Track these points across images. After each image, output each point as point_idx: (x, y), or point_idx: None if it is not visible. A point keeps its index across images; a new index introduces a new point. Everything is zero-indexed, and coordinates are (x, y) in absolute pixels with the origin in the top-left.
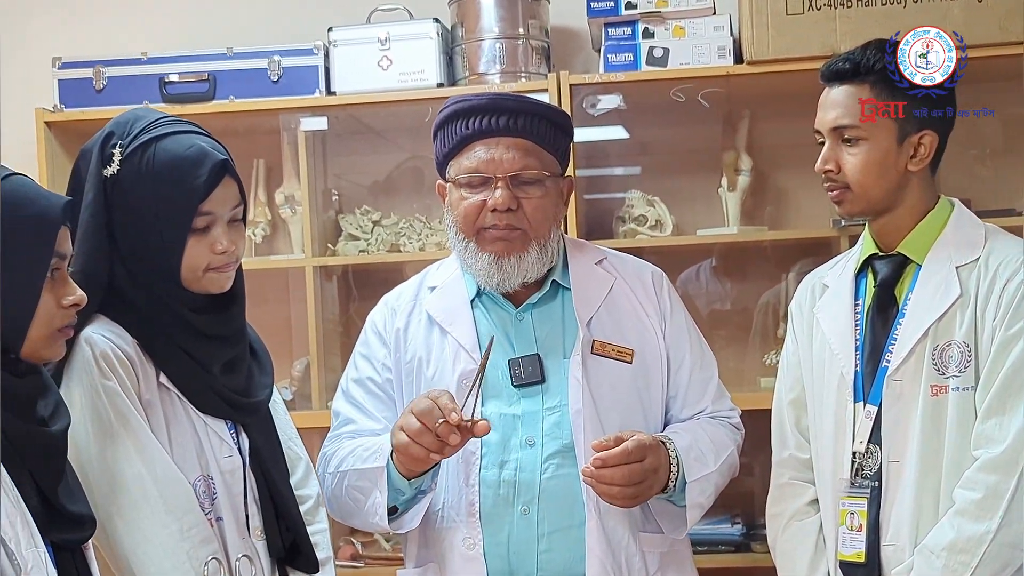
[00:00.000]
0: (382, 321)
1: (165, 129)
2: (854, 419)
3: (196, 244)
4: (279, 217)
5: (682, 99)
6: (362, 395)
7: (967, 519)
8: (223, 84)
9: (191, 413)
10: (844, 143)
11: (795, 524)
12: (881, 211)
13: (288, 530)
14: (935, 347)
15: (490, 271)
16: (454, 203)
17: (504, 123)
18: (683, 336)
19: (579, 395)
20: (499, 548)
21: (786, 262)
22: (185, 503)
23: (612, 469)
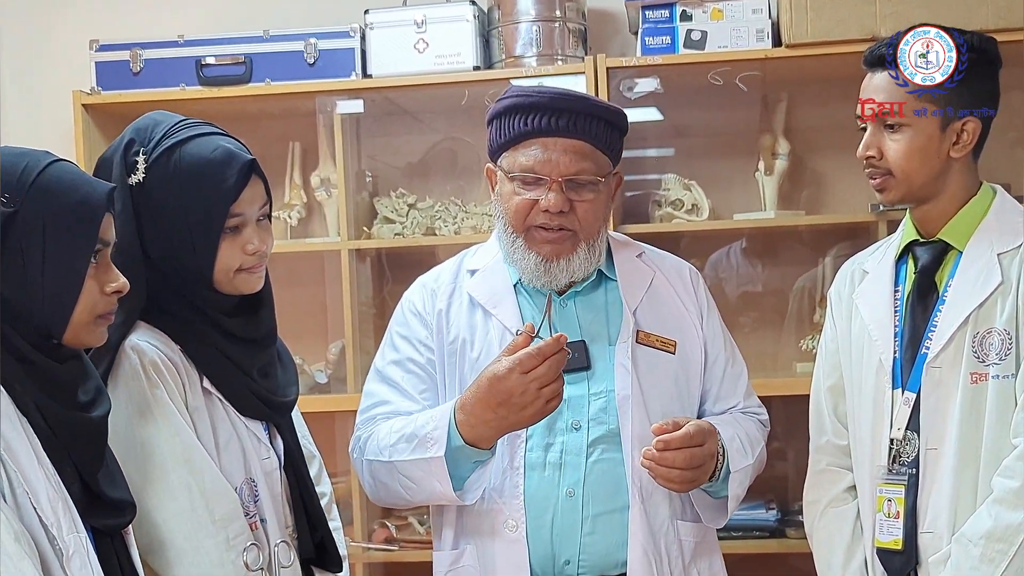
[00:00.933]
0: (421, 302)
1: (187, 132)
2: (892, 406)
3: (228, 246)
4: (314, 200)
5: (720, 82)
6: (401, 375)
7: (1005, 508)
8: (259, 67)
9: (232, 416)
10: (887, 129)
11: (832, 511)
12: (923, 198)
13: (316, 530)
14: (975, 334)
15: (537, 271)
16: (505, 195)
17: (564, 124)
18: (718, 333)
19: (627, 381)
20: (542, 531)
21: (822, 247)
22: (232, 512)
23: (674, 452)
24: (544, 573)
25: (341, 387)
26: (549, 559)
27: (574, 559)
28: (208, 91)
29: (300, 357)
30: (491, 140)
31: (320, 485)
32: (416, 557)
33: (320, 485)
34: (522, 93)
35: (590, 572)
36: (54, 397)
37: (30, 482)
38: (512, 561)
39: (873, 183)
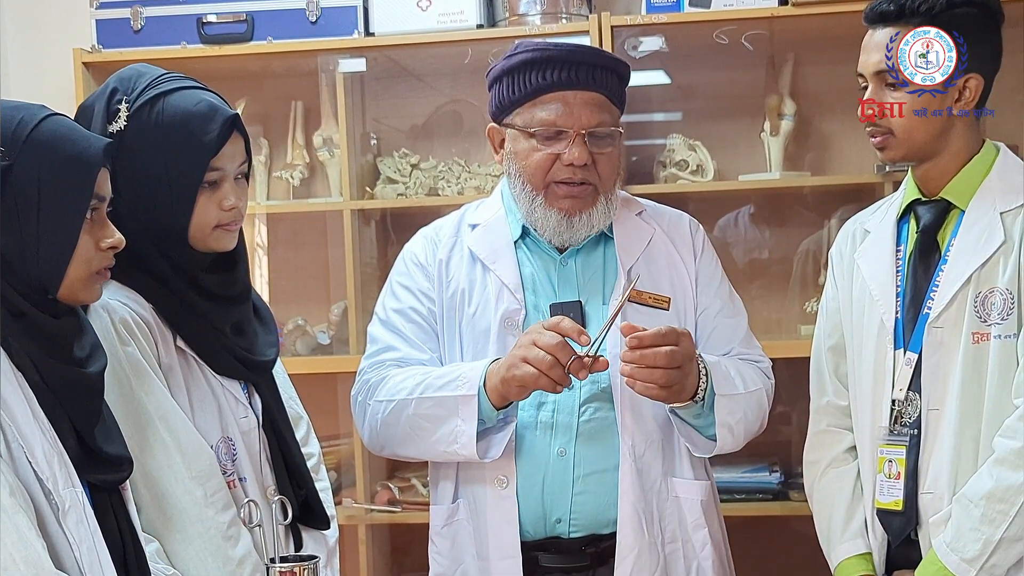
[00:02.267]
0: (423, 253)
1: (171, 84)
2: (894, 366)
3: (206, 201)
4: (317, 160)
5: (725, 42)
6: (404, 324)
7: (1007, 468)
8: (261, 25)
9: (208, 375)
10: (888, 87)
11: (832, 471)
12: (925, 156)
13: (300, 488)
14: (978, 294)
15: (559, 228)
16: (521, 153)
17: (583, 76)
18: (713, 281)
19: (619, 341)
20: (534, 489)
21: (828, 208)
22: (208, 468)
23: (653, 350)
24: (535, 531)
25: (343, 348)
26: (540, 517)
27: (565, 518)
28: (209, 49)
29: (302, 318)
30: (499, 98)
31: (307, 446)
32: (419, 519)
33: (307, 446)
34: (537, 47)
35: (581, 530)
36: (50, 352)
37: (25, 437)
38: (503, 517)
39: (874, 142)
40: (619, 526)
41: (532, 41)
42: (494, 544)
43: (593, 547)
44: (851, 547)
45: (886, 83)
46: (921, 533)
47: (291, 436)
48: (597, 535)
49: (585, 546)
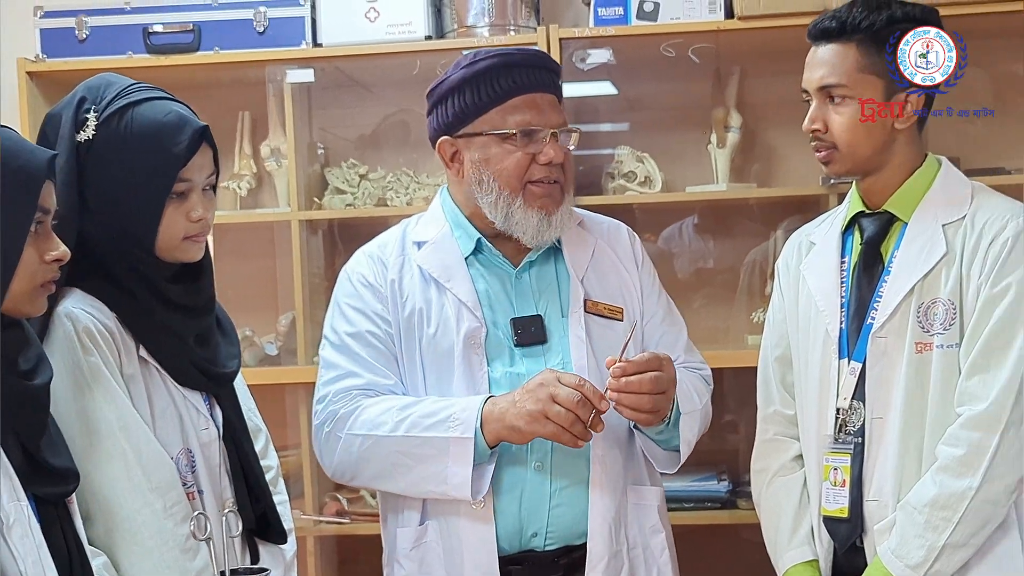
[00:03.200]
0: (372, 274)
1: (141, 95)
2: (839, 376)
3: (173, 212)
4: (264, 170)
5: (672, 54)
6: (361, 348)
7: (949, 475)
8: (208, 35)
9: (170, 386)
10: (831, 102)
11: (779, 480)
12: (869, 170)
13: (258, 502)
14: (920, 304)
15: (540, 227)
16: (495, 158)
17: (545, 79)
18: (653, 289)
19: (582, 352)
20: (511, 505)
21: (774, 219)
22: (169, 480)
23: (639, 377)
24: (511, 546)
25: (291, 359)
26: (516, 533)
27: (541, 531)
28: (155, 59)
29: (250, 329)
30: (457, 108)
31: (266, 459)
32: (367, 530)
33: (266, 459)
34: (500, 53)
35: (556, 543)
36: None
37: None
38: (479, 536)
39: (819, 156)
40: (590, 536)
41: (488, 48)
42: (470, 564)
43: (565, 558)
44: (798, 554)
45: (830, 98)
46: (867, 540)
47: (251, 449)
48: (570, 546)
49: (558, 558)
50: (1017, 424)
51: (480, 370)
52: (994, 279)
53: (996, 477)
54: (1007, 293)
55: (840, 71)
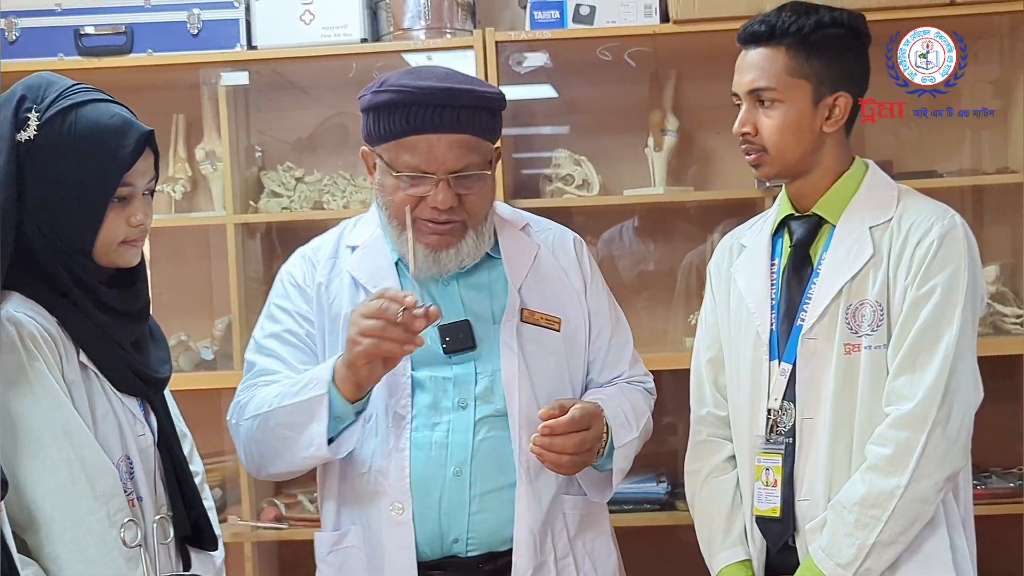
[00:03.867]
0: (301, 275)
1: (83, 96)
2: (769, 377)
3: (115, 216)
4: (199, 173)
5: (608, 58)
6: (280, 347)
7: (878, 475)
8: (141, 37)
9: (109, 392)
10: (761, 106)
11: (712, 480)
12: (798, 173)
13: (192, 509)
14: (848, 306)
15: (426, 263)
16: (387, 188)
17: (448, 119)
18: (603, 302)
19: (512, 361)
20: (430, 511)
21: (711, 222)
22: (112, 487)
23: (563, 438)
24: (432, 552)
25: (227, 363)
26: (437, 538)
27: (462, 537)
28: (87, 61)
29: (185, 333)
30: (367, 128)
31: (192, 464)
32: (306, 535)
33: (192, 464)
34: (401, 88)
35: (478, 549)
36: None
37: None
38: (398, 544)
39: (749, 159)
40: (515, 545)
41: (397, 80)
42: (390, 569)
43: (490, 564)
44: (731, 554)
45: (760, 102)
46: (798, 539)
47: (183, 455)
48: (494, 552)
49: (482, 563)
50: (944, 423)
51: (403, 375)
52: (920, 280)
53: (924, 475)
54: (933, 294)
55: (770, 75)
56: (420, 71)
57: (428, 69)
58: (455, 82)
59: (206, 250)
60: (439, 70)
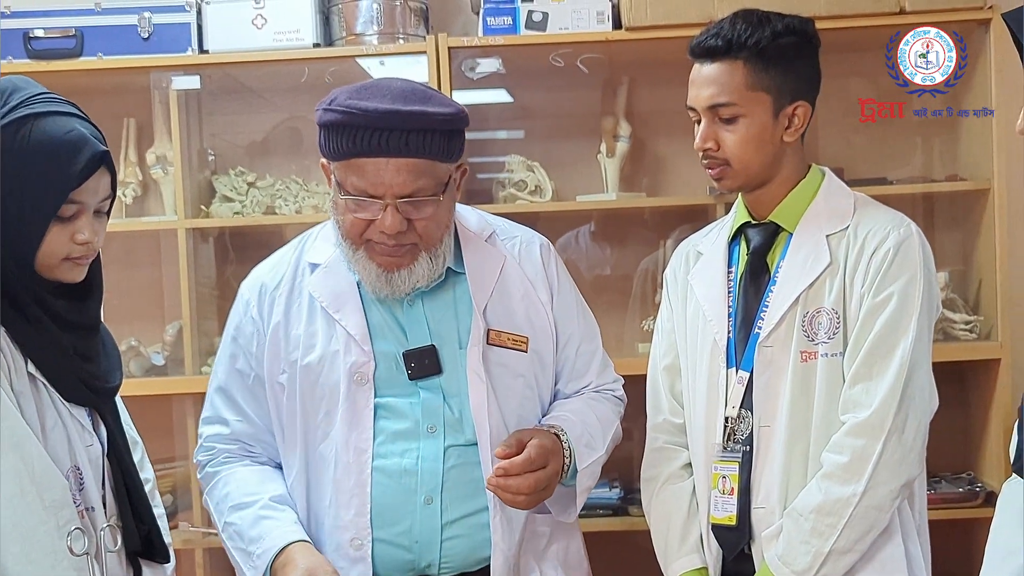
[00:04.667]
0: (257, 307)
1: (46, 108)
2: (727, 385)
3: (58, 232)
4: (150, 178)
5: (561, 64)
6: (237, 388)
7: (834, 482)
8: (91, 40)
9: (57, 402)
10: (721, 120)
11: (669, 487)
12: (759, 184)
13: (143, 522)
14: (805, 314)
15: (378, 283)
16: (339, 207)
17: (396, 143)
18: (571, 309)
19: (479, 389)
20: (399, 538)
21: (664, 229)
22: (61, 498)
23: (518, 478)
24: None
25: (179, 369)
26: (407, 564)
27: (435, 562)
28: (37, 65)
29: (136, 339)
30: (320, 143)
31: (143, 471)
32: None
33: (143, 471)
34: (347, 110)
35: (451, 572)
36: None
37: None
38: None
39: (711, 173)
40: (492, 565)
41: (345, 100)
42: None
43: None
44: (687, 562)
45: (720, 117)
46: (754, 547)
47: (133, 466)
48: (467, 573)
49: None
50: (899, 431)
51: (366, 406)
52: (876, 289)
53: (880, 483)
54: (889, 302)
55: (729, 89)
56: (373, 87)
57: (384, 84)
58: (406, 102)
59: (157, 255)
60: (395, 85)
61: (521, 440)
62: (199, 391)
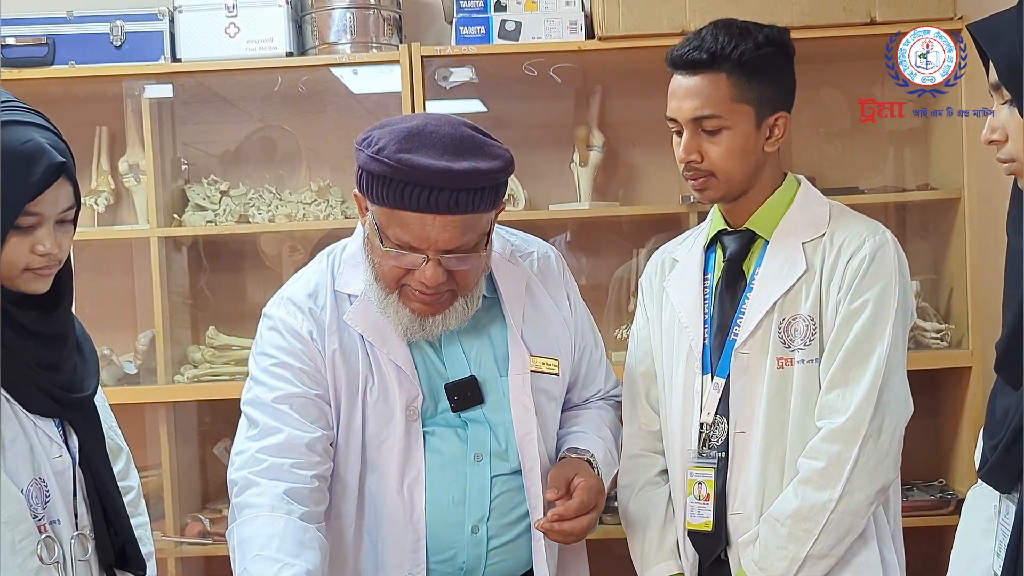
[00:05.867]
0: (305, 329)
1: (7, 117)
2: (702, 391)
3: (17, 243)
4: (123, 186)
5: (534, 73)
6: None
7: (811, 488)
8: (63, 48)
9: (20, 414)
10: (704, 132)
11: (645, 493)
12: (741, 194)
13: (117, 534)
14: (781, 320)
15: (411, 327)
16: (375, 251)
17: (444, 202)
18: (583, 320)
19: (525, 419)
20: (446, 565)
21: (637, 237)
22: (17, 513)
23: (571, 522)
24: None
25: (151, 378)
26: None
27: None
28: (8, 72)
29: (108, 347)
30: (360, 183)
31: (127, 479)
32: None
33: (127, 479)
34: (397, 164)
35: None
36: None
37: None
38: None
39: (694, 184)
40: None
41: (394, 153)
42: None
43: None
44: (664, 568)
45: (704, 129)
46: (731, 553)
47: (109, 477)
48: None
49: None
50: (875, 436)
51: (416, 440)
52: (852, 295)
53: (856, 489)
54: (865, 309)
55: (714, 102)
56: (422, 136)
57: (431, 130)
58: (457, 157)
59: (129, 263)
60: (444, 133)
61: (566, 478)
62: (171, 399)
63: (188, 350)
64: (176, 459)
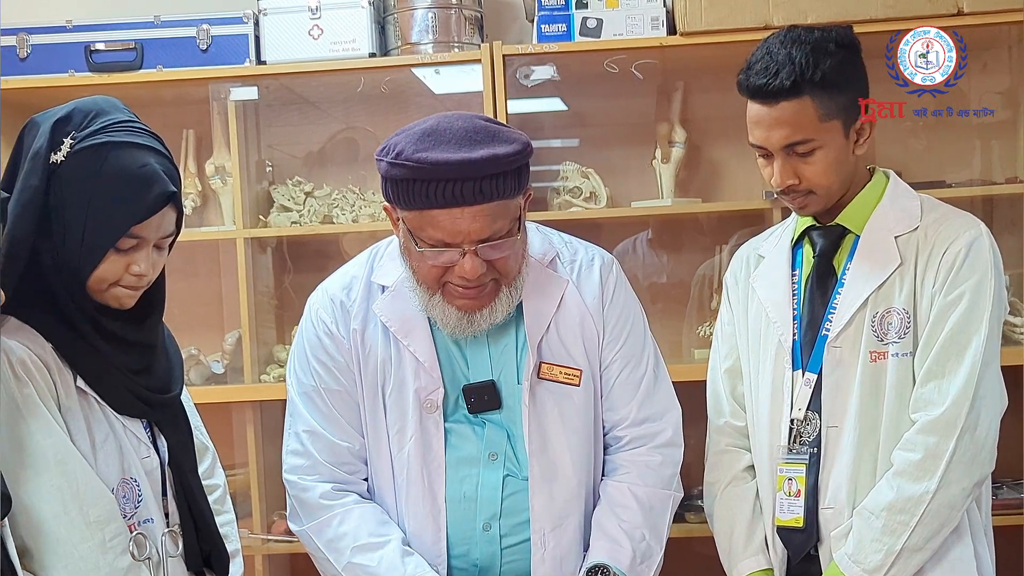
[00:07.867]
0: (333, 321)
1: (124, 136)
2: (792, 386)
3: (115, 261)
4: (209, 188)
5: (616, 70)
6: (324, 404)
7: (906, 480)
8: (151, 53)
9: (110, 415)
10: (798, 156)
11: (732, 489)
12: (839, 199)
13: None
14: (875, 314)
15: (459, 324)
16: (412, 254)
17: (469, 193)
18: (618, 329)
19: (530, 425)
20: (461, 561)
21: (720, 234)
22: (107, 513)
23: None
24: None
25: (238, 377)
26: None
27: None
28: (98, 77)
29: (196, 347)
30: (386, 191)
31: (213, 478)
32: None
33: (213, 478)
34: (416, 164)
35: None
36: None
37: None
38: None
39: (794, 204)
40: None
41: (412, 154)
42: None
43: None
44: (753, 563)
45: (797, 153)
46: (822, 548)
47: (195, 479)
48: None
49: None
50: (972, 428)
51: (436, 433)
52: (948, 288)
53: (953, 481)
54: (961, 301)
55: (804, 127)
56: (435, 133)
57: (444, 127)
58: (473, 147)
59: (216, 265)
60: (457, 127)
61: None
62: (258, 399)
63: (274, 349)
64: (262, 457)
